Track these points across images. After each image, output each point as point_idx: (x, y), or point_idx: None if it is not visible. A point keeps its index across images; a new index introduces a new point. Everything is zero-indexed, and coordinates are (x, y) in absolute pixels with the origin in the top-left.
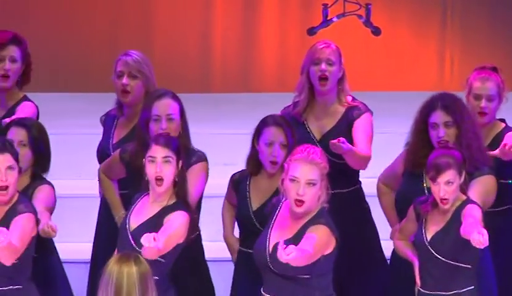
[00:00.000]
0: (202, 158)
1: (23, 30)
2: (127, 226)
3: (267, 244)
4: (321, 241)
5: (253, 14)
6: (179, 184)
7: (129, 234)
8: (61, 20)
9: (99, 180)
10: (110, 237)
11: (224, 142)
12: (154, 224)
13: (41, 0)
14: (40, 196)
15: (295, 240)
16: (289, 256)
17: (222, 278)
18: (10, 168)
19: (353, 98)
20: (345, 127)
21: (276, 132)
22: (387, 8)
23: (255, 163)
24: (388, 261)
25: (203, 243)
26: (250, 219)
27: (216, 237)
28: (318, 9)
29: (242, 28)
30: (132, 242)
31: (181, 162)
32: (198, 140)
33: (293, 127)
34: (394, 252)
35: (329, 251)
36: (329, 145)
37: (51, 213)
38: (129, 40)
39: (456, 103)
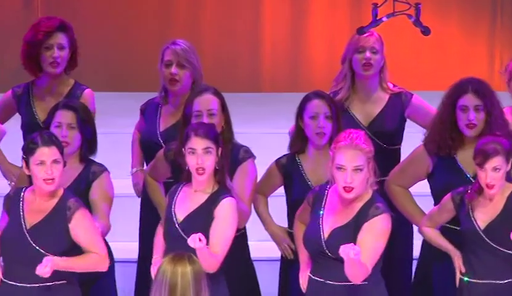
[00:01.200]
0: (249, 153)
1: (78, 29)
2: (174, 219)
3: (321, 231)
4: (385, 238)
5: (303, 13)
6: (220, 171)
7: (177, 227)
8: (113, 20)
9: (146, 183)
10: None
11: (273, 141)
12: (205, 212)
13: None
14: (100, 192)
15: (352, 227)
16: (355, 257)
17: (267, 277)
18: (55, 161)
19: (394, 85)
20: (394, 112)
21: (320, 104)
22: (436, 8)
23: (300, 141)
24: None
25: (249, 242)
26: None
27: (263, 237)
28: (368, 8)
29: (292, 27)
30: (182, 233)
31: (220, 149)
32: (247, 139)
33: (334, 100)
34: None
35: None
36: (378, 129)
37: (112, 200)
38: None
39: (487, 88)
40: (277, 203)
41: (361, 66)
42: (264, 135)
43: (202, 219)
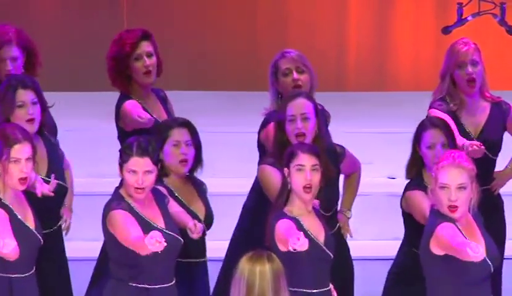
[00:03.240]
0: (344, 149)
1: (162, 31)
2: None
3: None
4: None
5: (389, 13)
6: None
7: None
8: (198, 20)
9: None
10: (246, 235)
11: (359, 140)
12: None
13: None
14: None
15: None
16: None
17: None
18: (148, 172)
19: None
20: (497, 122)
21: (436, 134)
22: None
23: (416, 167)
24: None
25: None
26: None
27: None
28: (453, 8)
29: (377, 26)
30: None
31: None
32: (334, 138)
33: (449, 127)
34: None
35: None
36: (486, 139)
37: None
38: (266, 41)
39: None
40: None
41: (465, 83)
42: (349, 135)
43: None
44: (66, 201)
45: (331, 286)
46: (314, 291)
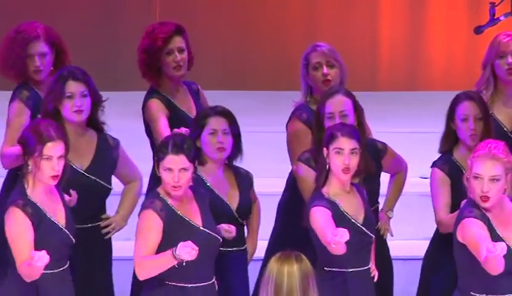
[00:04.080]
0: (386, 146)
1: (195, 28)
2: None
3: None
4: None
5: (421, 13)
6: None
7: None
8: (231, 19)
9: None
10: (282, 234)
11: (391, 140)
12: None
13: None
14: None
15: None
16: None
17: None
18: (183, 169)
19: None
20: None
21: (470, 106)
22: None
23: (449, 143)
24: None
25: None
26: None
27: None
28: (485, 8)
29: (409, 26)
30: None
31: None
32: None
33: (483, 101)
34: None
35: None
36: None
37: None
38: (297, 39)
39: None
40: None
41: (505, 71)
42: (381, 134)
43: None
44: (119, 209)
45: (371, 265)
46: (350, 270)
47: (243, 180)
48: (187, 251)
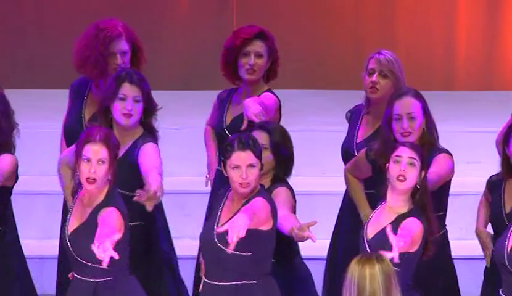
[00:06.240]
0: (447, 152)
1: (272, 29)
2: (364, 235)
3: (505, 245)
4: None
5: (497, 12)
6: (420, 192)
7: (366, 243)
8: (309, 20)
9: (345, 180)
10: (350, 235)
11: (467, 140)
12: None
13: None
14: (278, 199)
15: None
16: None
17: (470, 276)
18: (251, 165)
19: None
20: None
21: None
22: None
23: (508, 166)
24: None
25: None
26: (502, 220)
27: (463, 235)
28: None
29: (486, 26)
30: (369, 250)
31: (423, 173)
32: (441, 138)
33: None
34: None
35: None
36: None
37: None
38: (374, 38)
39: None
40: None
41: None
42: (457, 134)
43: (385, 241)
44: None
45: None
46: None
47: None
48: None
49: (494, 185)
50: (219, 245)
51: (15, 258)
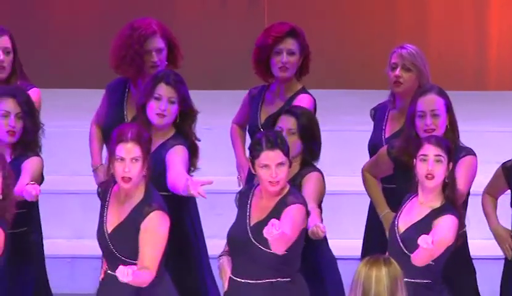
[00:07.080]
0: (471, 152)
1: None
2: (396, 228)
3: None
4: None
5: None
6: (449, 186)
7: (398, 237)
8: (340, 20)
9: (363, 179)
10: (380, 235)
11: (498, 140)
12: (423, 227)
13: None
14: (308, 187)
15: None
16: None
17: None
18: (280, 164)
19: None
20: None
21: None
22: None
23: None
24: None
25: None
26: None
27: (483, 235)
28: None
29: None
30: (401, 245)
31: (451, 164)
32: (471, 137)
33: None
34: None
35: None
36: None
37: (319, 203)
38: (406, 37)
39: None
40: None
41: None
42: (489, 134)
43: (420, 233)
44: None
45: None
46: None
47: None
48: None
49: (510, 171)
50: (254, 242)
51: (35, 259)
